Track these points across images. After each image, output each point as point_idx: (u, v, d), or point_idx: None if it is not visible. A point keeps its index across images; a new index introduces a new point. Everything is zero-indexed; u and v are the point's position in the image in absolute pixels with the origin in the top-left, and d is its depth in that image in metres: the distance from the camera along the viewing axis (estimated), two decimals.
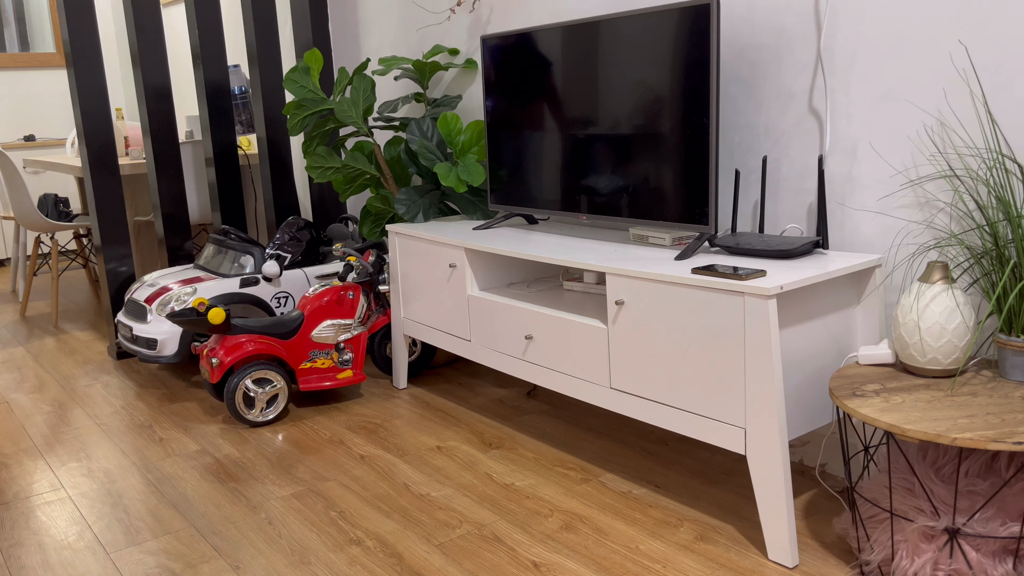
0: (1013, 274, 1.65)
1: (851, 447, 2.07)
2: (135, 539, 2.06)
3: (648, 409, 2.00)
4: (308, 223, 3.29)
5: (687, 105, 2.05)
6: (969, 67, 1.78)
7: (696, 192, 2.07)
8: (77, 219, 4.52)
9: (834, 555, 1.82)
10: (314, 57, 3.04)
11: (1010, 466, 1.66)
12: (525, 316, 2.31)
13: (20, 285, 4.81)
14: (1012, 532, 1.54)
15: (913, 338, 1.69)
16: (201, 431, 2.71)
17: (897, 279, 1.96)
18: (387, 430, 2.62)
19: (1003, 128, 1.75)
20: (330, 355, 2.82)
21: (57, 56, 6.10)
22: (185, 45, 5.52)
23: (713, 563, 1.82)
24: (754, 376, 1.75)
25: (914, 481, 1.68)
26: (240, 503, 2.21)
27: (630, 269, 1.96)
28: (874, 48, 1.93)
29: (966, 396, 1.62)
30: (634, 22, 2.14)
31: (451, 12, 3.15)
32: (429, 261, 2.66)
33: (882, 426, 1.53)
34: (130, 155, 4.07)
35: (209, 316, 2.64)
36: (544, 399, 2.81)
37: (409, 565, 1.87)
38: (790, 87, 2.11)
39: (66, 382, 3.28)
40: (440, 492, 2.20)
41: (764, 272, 1.81)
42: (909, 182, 1.92)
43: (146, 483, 2.36)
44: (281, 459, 2.46)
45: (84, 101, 3.37)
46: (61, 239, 6.03)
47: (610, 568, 1.82)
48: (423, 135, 2.92)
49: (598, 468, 2.29)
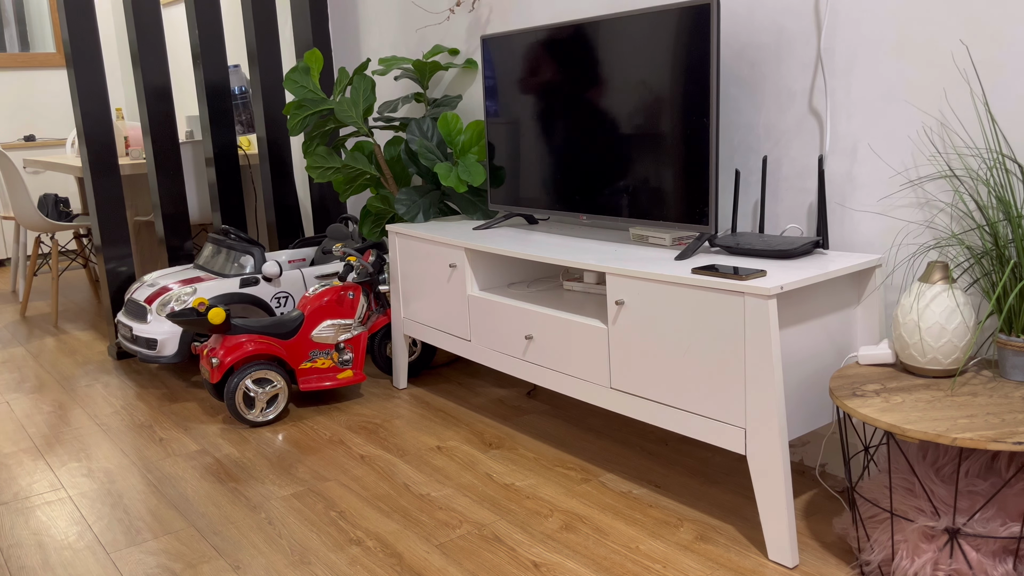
0: (1013, 274, 1.65)
1: (851, 447, 2.07)
2: (135, 539, 2.06)
3: (648, 409, 2.00)
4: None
5: (687, 105, 2.05)
6: (969, 67, 1.78)
7: (696, 192, 2.07)
8: (77, 219, 4.52)
9: (834, 555, 1.82)
10: (314, 57, 3.04)
11: (1010, 466, 1.66)
12: (525, 316, 2.31)
13: (20, 285, 4.81)
14: (1012, 532, 1.54)
15: (913, 338, 1.69)
16: (201, 431, 2.71)
17: (897, 279, 1.96)
18: (387, 430, 2.62)
19: (1003, 128, 1.75)
20: (330, 355, 2.82)
21: (57, 56, 6.10)
22: (185, 45, 5.52)
23: (713, 563, 1.82)
24: (754, 376, 1.75)
25: (914, 481, 1.68)
26: (240, 503, 2.21)
27: (630, 269, 1.96)
28: (874, 48, 1.93)
29: (966, 396, 1.62)
30: (634, 22, 2.14)
31: (451, 12, 3.15)
32: (429, 261, 2.66)
33: (882, 426, 1.53)
34: (130, 155, 4.07)
35: (209, 316, 2.64)
36: (544, 399, 2.81)
37: (409, 565, 1.87)
38: (790, 87, 2.11)
39: (66, 382, 3.28)
40: (440, 492, 2.20)
41: (764, 272, 1.81)
42: (909, 182, 1.92)
43: (146, 483, 2.36)
44: (281, 459, 2.46)
45: (84, 101, 3.37)
46: (61, 239, 6.03)
47: (610, 568, 1.82)
48: (423, 135, 2.92)
49: (598, 468, 2.29)
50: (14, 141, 5.96)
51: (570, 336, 2.17)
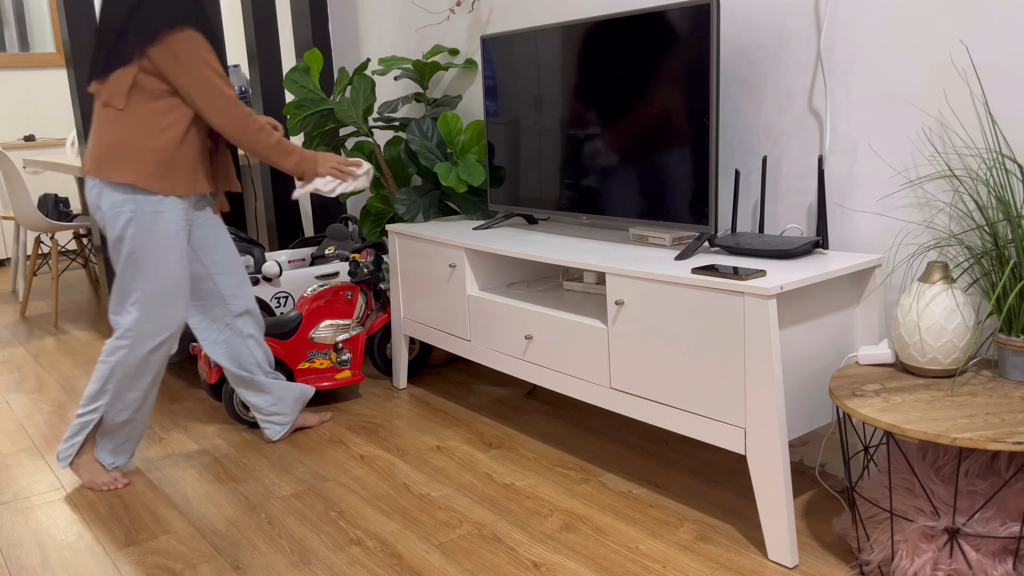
0: (1013, 274, 1.65)
1: (851, 447, 2.07)
2: (135, 539, 2.06)
3: (648, 409, 2.00)
4: None
5: (687, 105, 2.05)
6: (969, 67, 1.78)
7: (696, 192, 2.07)
8: (77, 219, 4.52)
9: (834, 555, 1.82)
10: (314, 57, 3.04)
11: (1010, 466, 1.66)
12: (525, 316, 2.31)
13: (20, 285, 4.81)
14: (1012, 532, 1.54)
15: (913, 338, 1.69)
16: (201, 431, 2.71)
17: (897, 279, 1.96)
18: (387, 430, 2.62)
19: (1003, 128, 1.75)
20: (328, 355, 2.82)
21: (57, 56, 6.10)
22: None
23: (713, 563, 1.82)
24: (754, 376, 1.75)
25: (914, 481, 1.68)
26: (240, 503, 2.21)
27: (630, 269, 1.96)
28: (874, 48, 1.93)
29: (966, 396, 1.62)
30: (634, 22, 2.14)
31: (451, 12, 3.15)
32: (429, 261, 2.66)
33: (882, 426, 1.53)
34: None
35: None
36: (544, 399, 2.81)
37: (409, 565, 1.87)
38: (790, 87, 2.11)
39: (66, 382, 3.28)
40: (440, 492, 2.20)
41: (764, 272, 1.81)
42: (909, 182, 1.92)
43: (146, 483, 2.36)
44: (281, 459, 2.46)
45: (84, 101, 3.37)
46: (61, 239, 6.03)
47: (610, 568, 1.82)
48: (423, 135, 2.92)
49: (598, 468, 2.29)
50: (14, 141, 5.96)
51: (570, 336, 2.18)
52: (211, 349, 2.43)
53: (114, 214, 2.13)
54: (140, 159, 2.10)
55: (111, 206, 2.13)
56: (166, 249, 2.17)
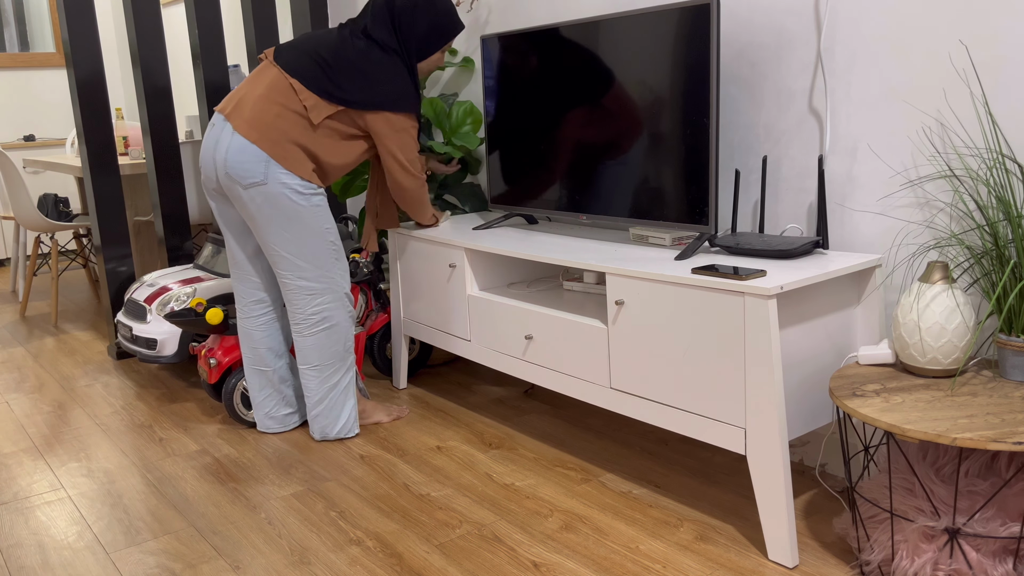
0: (1013, 274, 1.65)
1: (851, 447, 2.07)
2: (135, 539, 2.06)
3: (648, 409, 2.00)
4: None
5: (687, 105, 2.05)
6: (969, 67, 1.78)
7: (696, 192, 2.07)
8: (77, 219, 4.52)
9: (834, 555, 1.82)
10: None
11: (1010, 466, 1.66)
12: (525, 316, 2.31)
13: (20, 285, 4.81)
14: (1012, 532, 1.54)
15: (913, 338, 1.69)
16: (201, 431, 2.71)
17: (897, 279, 1.96)
18: (387, 430, 2.62)
19: (1003, 128, 1.75)
20: None
21: (57, 56, 6.10)
22: (185, 45, 5.52)
23: (713, 563, 1.82)
24: (754, 376, 1.75)
25: (914, 481, 1.68)
26: (240, 503, 2.21)
27: (630, 269, 1.96)
28: (874, 48, 1.93)
29: (966, 396, 1.62)
30: (634, 22, 2.14)
31: None
32: (429, 261, 2.66)
33: (882, 426, 1.53)
34: (130, 155, 4.07)
35: (207, 316, 2.63)
36: (544, 399, 2.81)
37: (409, 565, 1.87)
38: (790, 87, 2.11)
39: (66, 382, 3.28)
40: (440, 492, 2.20)
41: (764, 272, 1.81)
42: (909, 182, 1.92)
43: (146, 483, 2.36)
44: (281, 459, 2.46)
45: (84, 101, 3.37)
46: (61, 239, 6.03)
47: (610, 568, 1.82)
48: (420, 129, 2.94)
49: (598, 468, 2.29)
50: (14, 141, 5.96)
51: (570, 336, 2.17)
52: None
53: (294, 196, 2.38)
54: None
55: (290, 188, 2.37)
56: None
